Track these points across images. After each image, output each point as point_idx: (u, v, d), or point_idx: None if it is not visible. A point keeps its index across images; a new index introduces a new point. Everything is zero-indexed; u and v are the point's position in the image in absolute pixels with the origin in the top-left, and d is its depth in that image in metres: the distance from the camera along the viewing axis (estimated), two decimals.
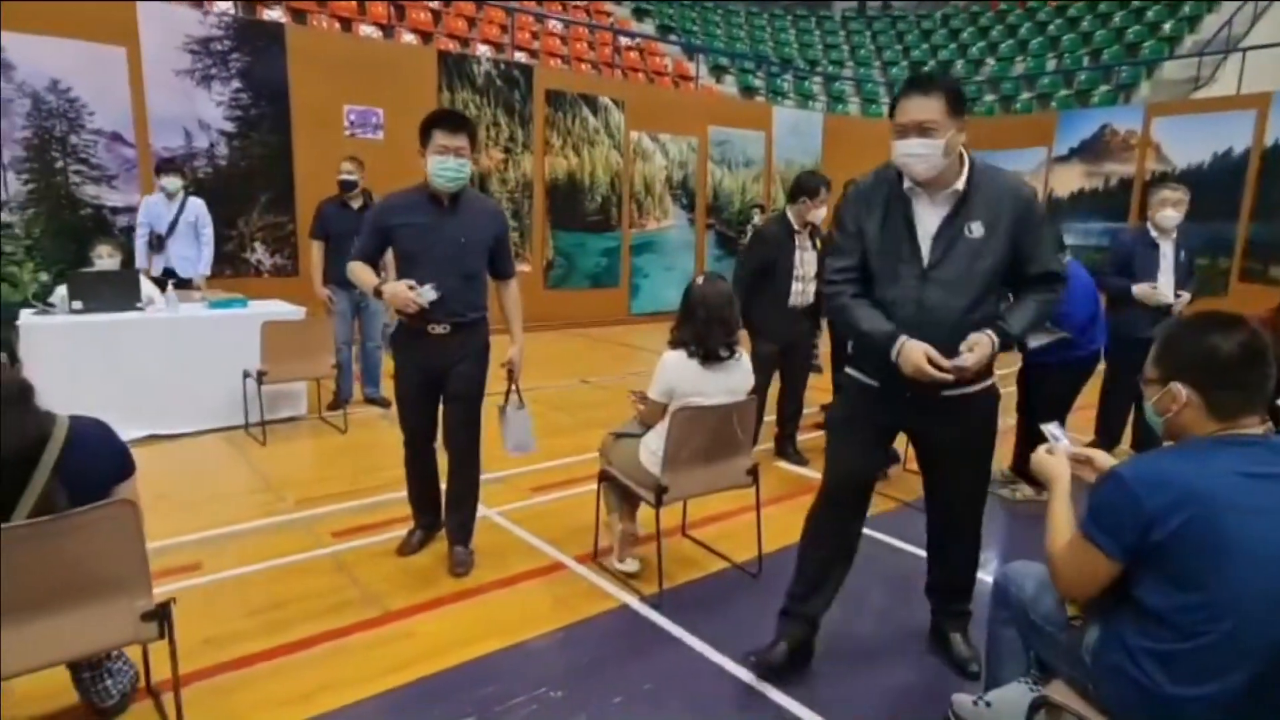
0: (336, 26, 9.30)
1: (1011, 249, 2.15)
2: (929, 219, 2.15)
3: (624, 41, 12.63)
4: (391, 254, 3.03)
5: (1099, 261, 5.10)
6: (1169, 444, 1.60)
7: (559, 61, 11.18)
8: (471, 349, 3.00)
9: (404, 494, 3.30)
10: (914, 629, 2.74)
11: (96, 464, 1.79)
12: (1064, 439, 1.90)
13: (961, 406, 2.25)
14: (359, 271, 2.99)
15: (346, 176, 5.26)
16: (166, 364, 4.70)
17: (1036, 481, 3.92)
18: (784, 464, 4.55)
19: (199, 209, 5.69)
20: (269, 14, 8.69)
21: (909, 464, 4.44)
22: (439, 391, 3.02)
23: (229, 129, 7.20)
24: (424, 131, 2.84)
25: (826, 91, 14.78)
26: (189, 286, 5.51)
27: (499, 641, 2.60)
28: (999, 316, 2.19)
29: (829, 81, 14.71)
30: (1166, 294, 4.30)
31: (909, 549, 3.40)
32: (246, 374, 4.80)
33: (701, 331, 2.77)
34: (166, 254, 5.58)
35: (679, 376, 2.77)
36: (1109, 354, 4.22)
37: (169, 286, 5.09)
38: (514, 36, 10.59)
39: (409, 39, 9.77)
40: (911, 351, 2.09)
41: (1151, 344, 1.63)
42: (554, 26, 11.92)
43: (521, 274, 9.02)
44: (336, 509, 3.70)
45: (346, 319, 5.37)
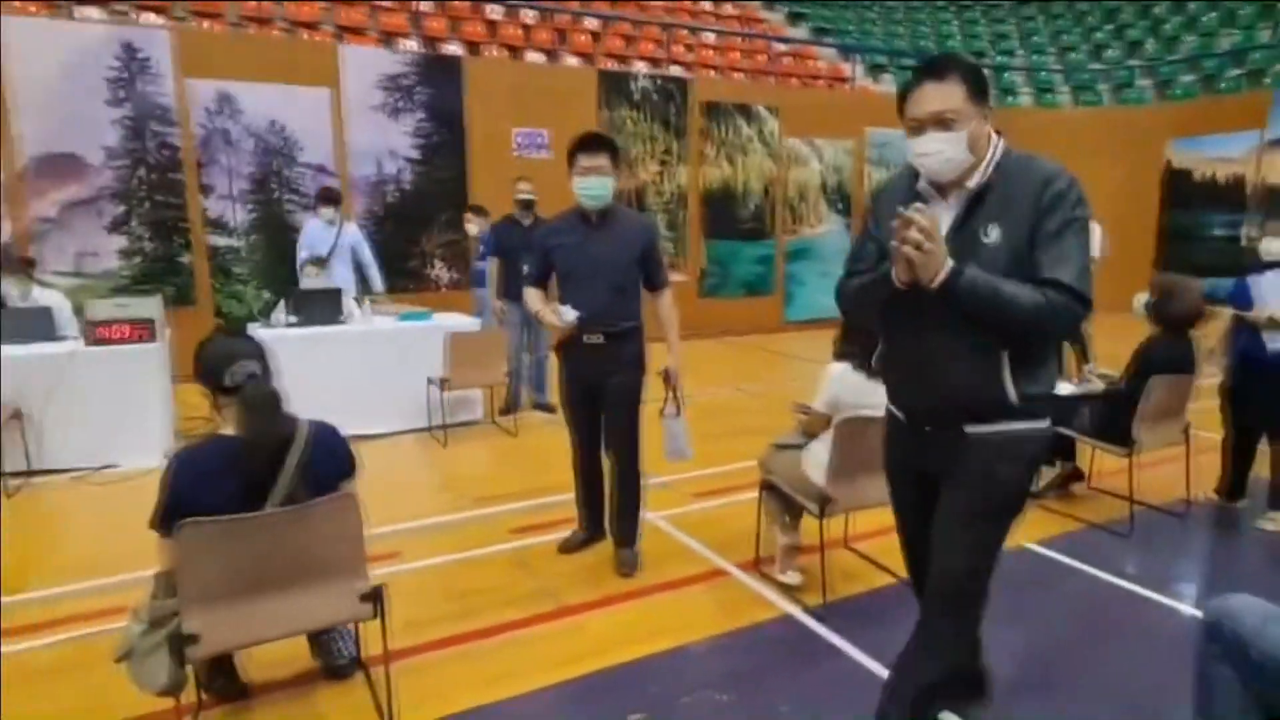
0: (506, 55, 9.93)
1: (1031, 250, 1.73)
2: (943, 220, 1.79)
3: (778, 47, 12.55)
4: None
5: None
6: None
7: (714, 73, 11.30)
8: (625, 358, 3.13)
9: (573, 495, 3.50)
10: (1101, 661, 2.56)
11: (330, 463, 2.07)
12: None
13: (988, 450, 1.80)
14: (528, 297, 3.27)
15: (525, 196, 5.63)
16: (363, 371, 5.24)
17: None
18: None
19: (355, 235, 6.24)
20: (448, 48, 9.43)
21: (1092, 481, 4.13)
22: (598, 399, 3.18)
23: (414, 156, 7.90)
24: (569, 156, 3.06)
25: (994, 84, 13.91)
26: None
27: (665, 642, 2.70)
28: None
29: (998, 73, 13.85)
30: None
31: (1094, 573, 3.18)
32: (430, 381, 5.25)
33: (869, 343, 2.74)
34: (330, 276, 6.02)
35: (844, 389, 2.76)
36: None
37: (365, 302, 5.67)
38: (669, 51, 10.82)
39: (571, 61, 10.25)
40: (900, 214, 1.69)
41: None
42: (708, 38, 12.06)
43: (676, 283, 9.18)
44: (512, 507, 3.97)
45: (519, 330, 5.73)
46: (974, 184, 1.77)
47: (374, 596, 2.14)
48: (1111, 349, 3.88)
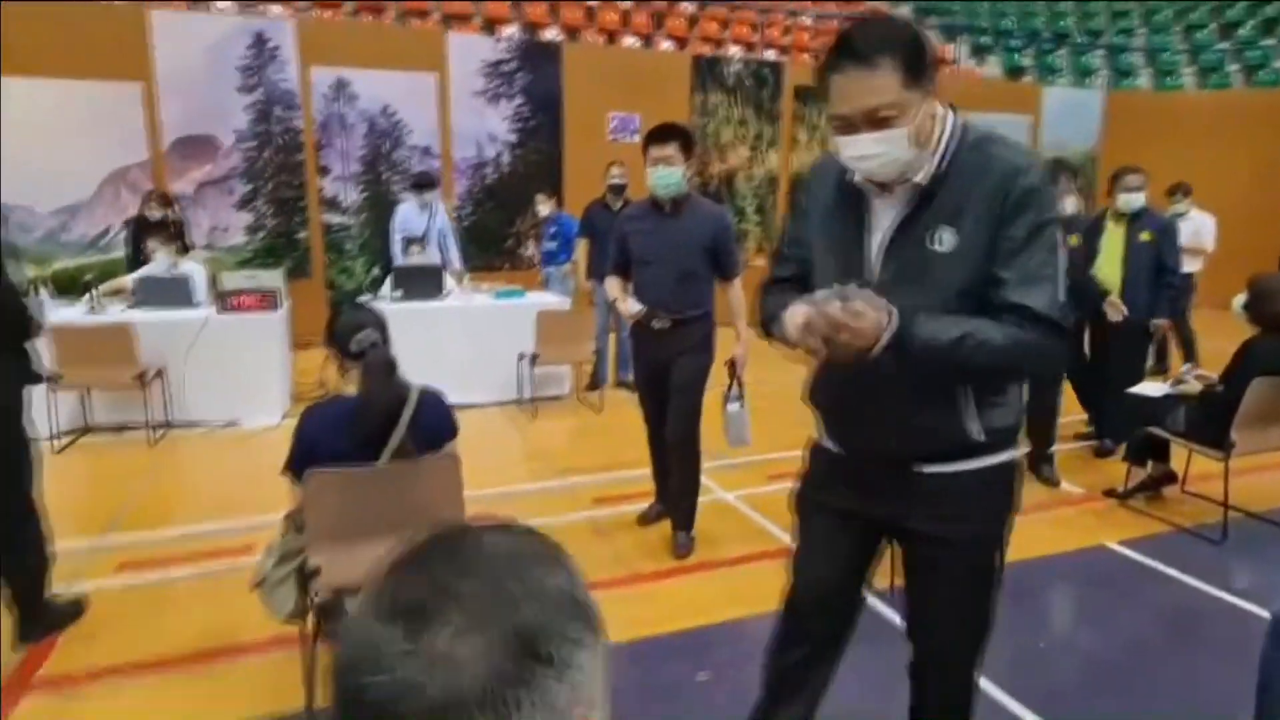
0: (603, 40, 10.11)
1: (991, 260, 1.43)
2: (884, 221, 1.48)
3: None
4: None
5: None
6: None
7: (809, 56, 11.16)
8: (690, 343, 3.26)
9: (650, 471, 3.67)
10: (1178, 665, 2.55)
11: (436, 424, 2.30)
12: None
13: (949, 490, 1.52)
14: (607, 284, 3.47)
15: (617, 180, 5.79)
16: (459, 344, 5.56)
17: None
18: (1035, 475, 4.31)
19: (445, 219, 6.51)
20: (547, 34, 9.68)
21: (1186, 485, 4.00)
22: (664, 381, 3.33)
23: (511, 139, 8.20)
24: (644, 147, 3.22)
25: (1110, 65, 13.15)
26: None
27: (734, 612, 2.84)
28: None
29: (1114, 54, 13.08)
30: None
31: (1178, 576, 3.12)
32: (521, 356, 5.52)
33: None
34: (426, 255, 6.24)
35: None
36: None
37: (464, 279, 5.99)
38: (764, 35, 10.75)
39: (666, 46, 10.34)
40: (790, 315, 1.40)
41: None
42: (805, 21, 11.89)
43: (762, 269, 9.24)
44: (593, 479, 4.19)
45: (604, 310, 5.93)
46: (922, 179, 1.42)
47: None
48: (1224, 347, 3.76)
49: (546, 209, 6.55)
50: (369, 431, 2.15)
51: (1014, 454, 1.57)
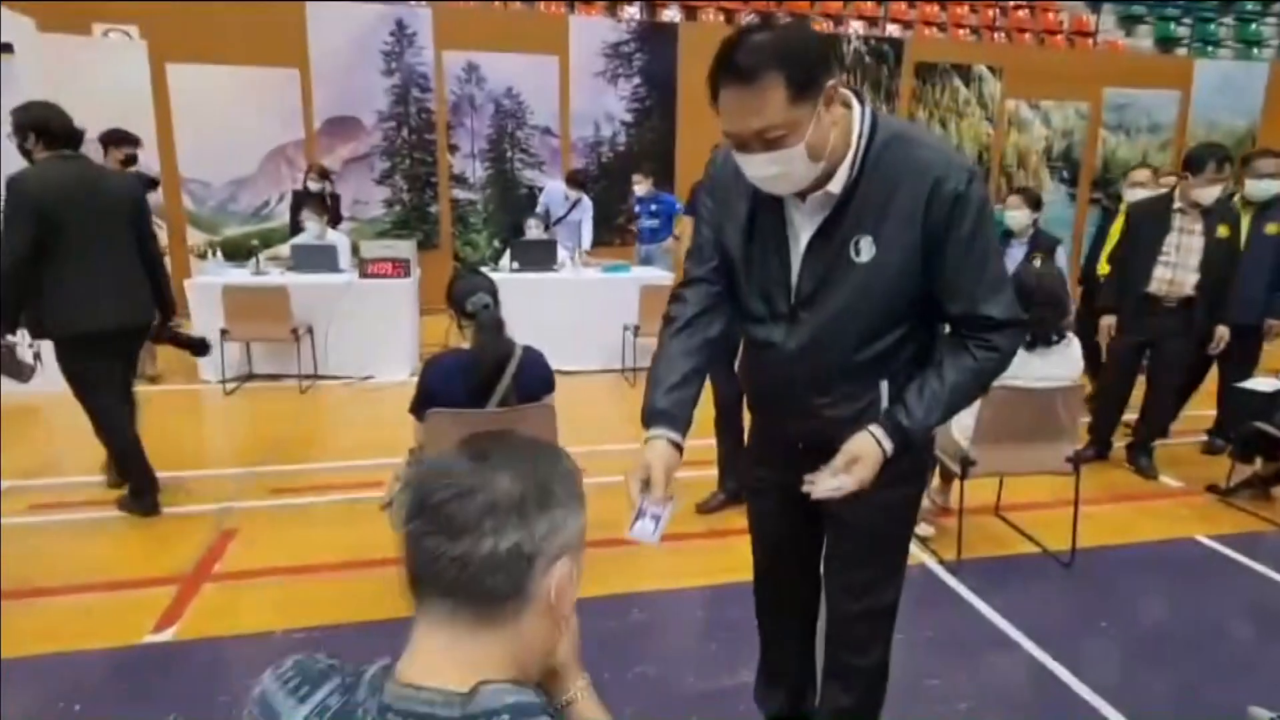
0: (722, 18, 10.19)
1: (924, 271, 1.38)
2: (803, 231, 1.44)
3: (1012, 0, 11.64)
4: None
5: None
6: None
7: (935, 31, 10.79)
8: None
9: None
10: (1246, 659, 2.55)
11: (536, 379, 2.63)
12: None
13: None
14: None
15: None
16: (569, 314, 5.93)
17: None
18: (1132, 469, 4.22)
19: (587, 210, 6.93)
20: (667, 14, 9.87)
21: None
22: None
23: (627, 119, 8.49)
24: None
25: None
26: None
27: None
28: (900, 398, 1.43)
29: None
30: None
31: (1271, 575, 3.05)
32: (625, 327, 5.84)
33: (1039, 316, 2.82)
34: (552, 235, 6.76)
35: None
36: None
37: (577, 253, 6.36)
38: (888, 9, 10.49)
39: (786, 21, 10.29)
40: (649, 454, 1.48)
41: None
42: None
43: None
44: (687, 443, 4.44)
45: None
46: (837, 188, 1.37)
47: None
48: None
49: (643, 188, 6.82)
50: (480, 381, 2.50)
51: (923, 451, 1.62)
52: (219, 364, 5.31)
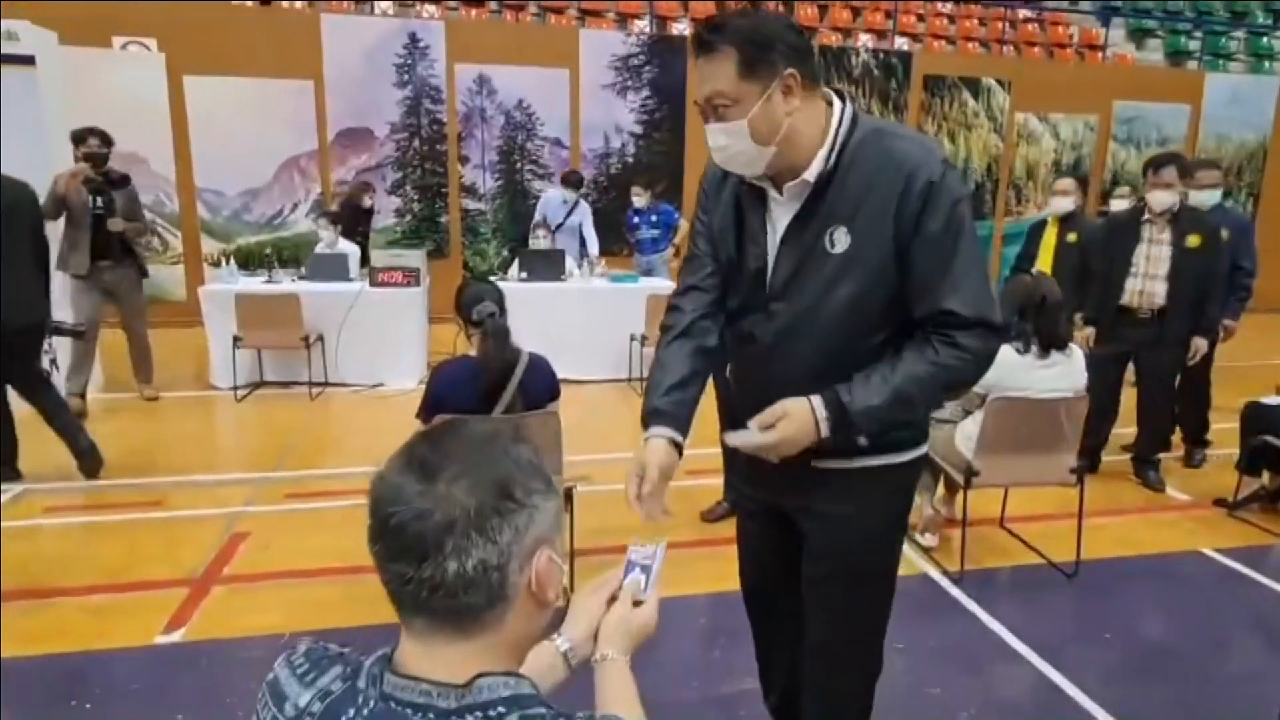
0: None
1: (899, 266, 1.36)
2: (781, 217, 1.44)
3: (1022, 13, 11.68)
4: None
5: None
6: None
7: (944, 44, 10.83)
8: None
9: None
10: (1247, 669, 2.55)
11: (542, 386, 2.66)
12: None
13: (843, 485, 1.48)
14: None
15: None
16: (577, 323, 5.97)
17: None
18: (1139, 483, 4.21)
19: (586, 213, 6.97)
20: (677, 28, 9.96)
21: None
22: None
23: (637, 131, 8.56)
24: None
25: None
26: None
27: None
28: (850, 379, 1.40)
29: None
30: None
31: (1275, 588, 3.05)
32: (633, 337, 5.87)
33: (1037, 327, 2.85)
34: (555, 244, 6.73)
35: (1001, 369, 2.88)
36: None
37: (584, 263, 6.41)
38: (897, 22, 10.54)
39: None
40: (646, 453, 1.47)
41: None
42: (944, 7, 11.52)
43: None
44: (690, 453, 4.45)
45: None
46: (812, 175, 1.37)
47: (565, 496, 2.72)
48: None
49: (642, 200, 6.85)
50: (486, 387, 2.54)
51: (910, 454, 1.52)
52: (231, 371, 5.38)
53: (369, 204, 7.17)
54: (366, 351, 5.73)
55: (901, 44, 10.14)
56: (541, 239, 6.53)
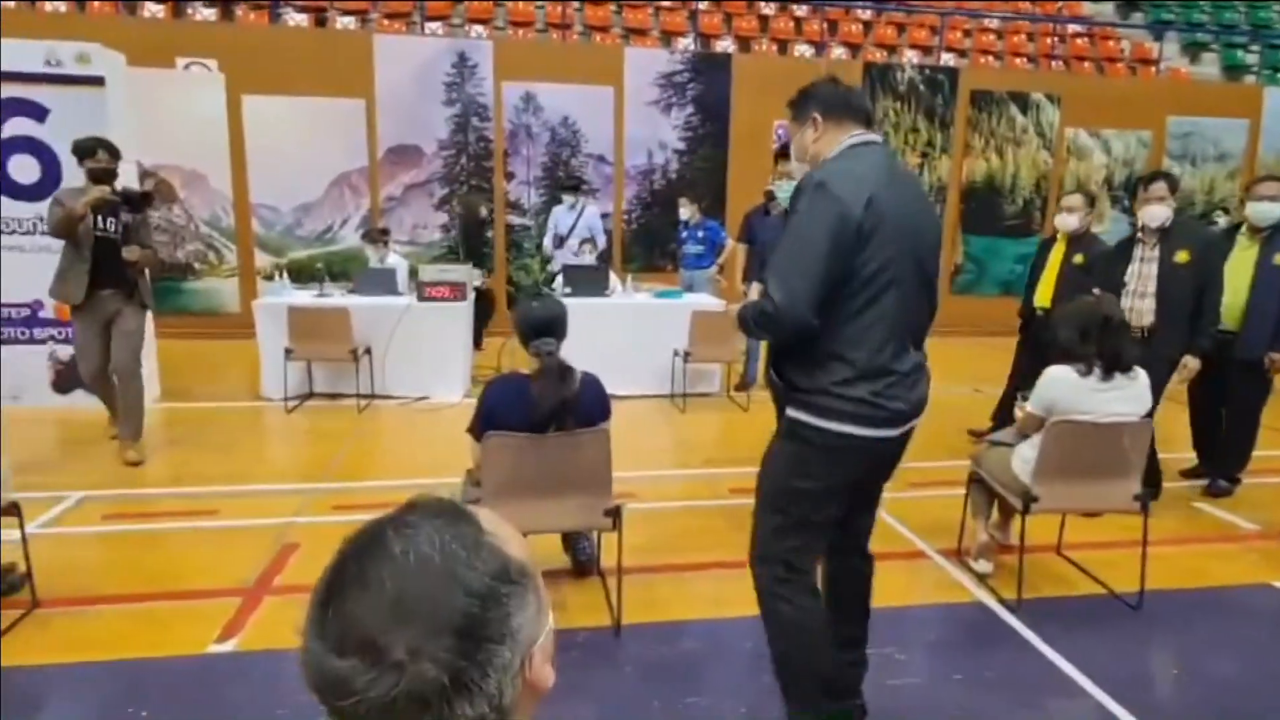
0: (775, 49, 10.27)
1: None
2: None
3: (1072, 28, 11.48)
4: None
5: None
6: None
7: (992, 59, 10.69)
8: None
9: None
10: None
11: (594, 405, 2.66)
12: None
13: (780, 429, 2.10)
14: (753, 289, 3.69)
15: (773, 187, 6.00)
16: (620, 338, 5.98)
17: None
18: (1203, 505, 4.05)
19: (594, 215, 7.07)
20: (721, 45, 10.00)
21: None
22: None
23: (680, 147, 8.59)
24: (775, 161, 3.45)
25: None
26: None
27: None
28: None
29: None
30: None
31: None
32: (676, 353, 5.86)
33: (1100, 349, 2.76)
34: (567, 250, 6.92)
35: (1062, 394, 2.81)
36: None
37: (628, 280, 6.43)
38: (944, 38, 10.44)
39: (839, 53, 10.33)
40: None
41: None
42: (990, 22, 11.39)
43: None
44: (733, 471, 4.43)
45: None
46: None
47: (615, 514, 2.71)
48: None
49: (688, 213, 6.82)
50: (538, 407, 2.54)
51: (798, 415, 1.99)
52: (282, 382, 5.49)
53: (485, 214, 7.39)
54: (413, 364, 5.80)
55: (947, 60, 10.03)
56: (586, 255, 6.59)
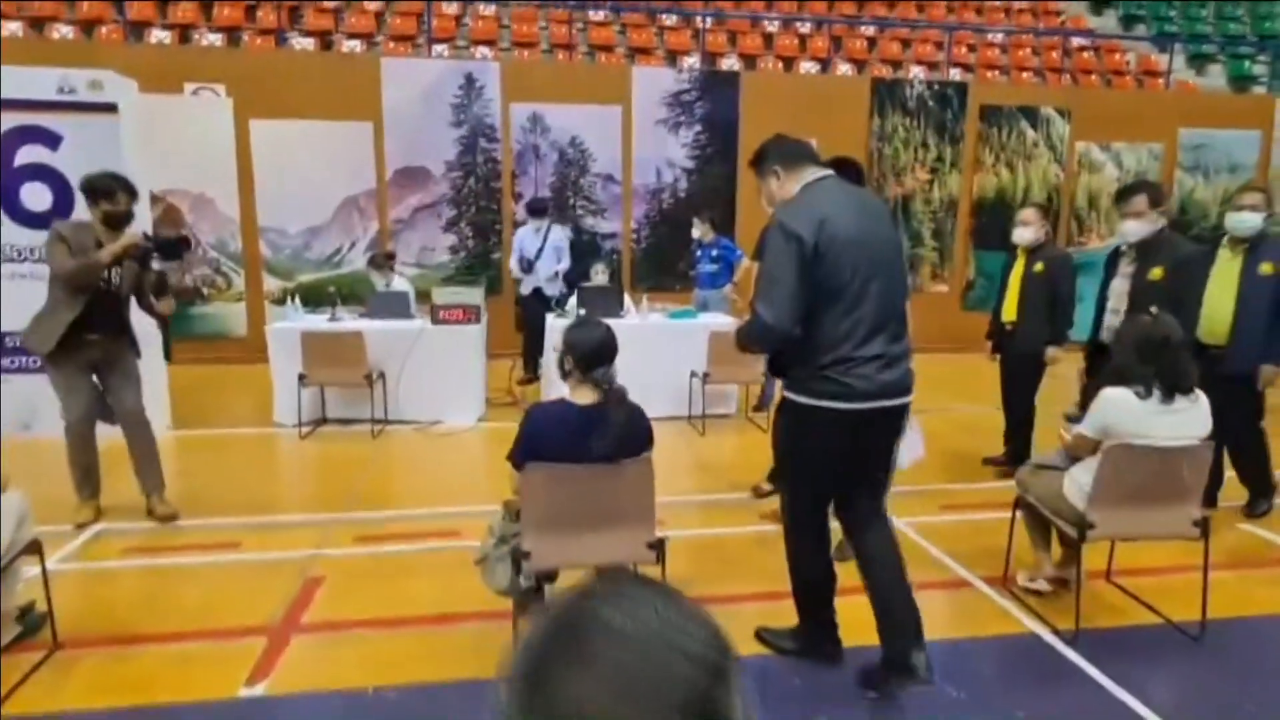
0: (781, 66, 10.27)
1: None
2: None
3: (1076, 42, 11.50)
4: None
5: None
6: None
7: (998, 74, 10.70)
8: None
9: None
10: None
11: (637, 435, 2.57)
12: None
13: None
14: None
15: None
16: (635, 360, 5.84)
17: None
18: (1247, 526, 3.95)
19: (561, 238, 6.97)
20: (726, 63, 10.00)
21: None
22: None
23: (689, 165, 8.55)
24: None
25: None
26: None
27: None
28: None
29: None
30: None
31: None
32: (693, 374, 5.77)
33: (1159, 370, 2.67)
34: (536, 274, 6.81)
35: (1120, 417, 2.71)
36: None
37: (643, 300, 6.35)
38: (950, 54, 10.46)
39: (845, 69, 10.33)
40: None
41: None
42: (995, 37, 11.41)
43: (938, 294, 9.00)
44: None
45: None
46: None
47: (658, 546, 2.61)
48: None
49: (701, 231, 6.75)
50: (581, 435, 2.45)
51: (790, 396, 2.49)
52: (295, 408, 5.40)
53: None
54: (426, 388, 5.71)
55: (954, 75, 10.03)
56: (600, 274, 6.52)
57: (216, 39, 9.31)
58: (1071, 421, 3.05)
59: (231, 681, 2.59)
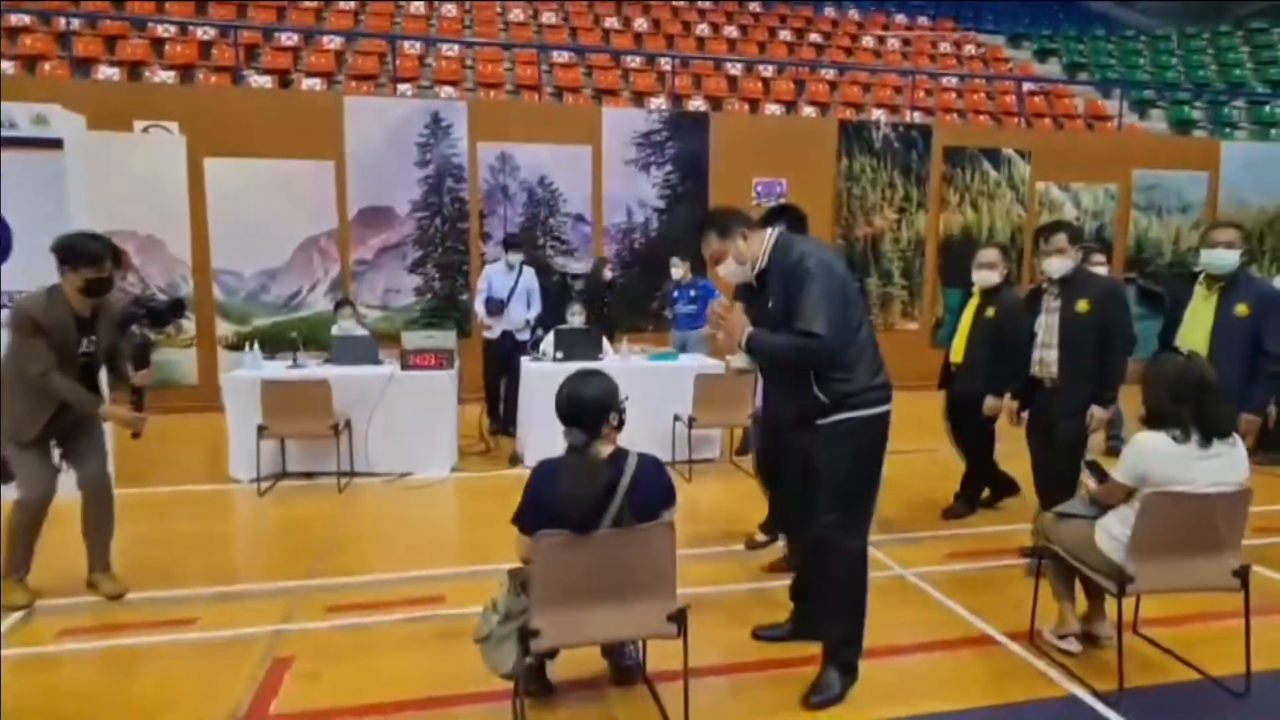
0: (746, 108, 10.35)
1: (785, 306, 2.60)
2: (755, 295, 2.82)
3: (1027, 87, 11.90)
4: None
5: None
6: None
7: (955, 116, 10.97)
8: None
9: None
10: None
11: (653, 492, 2.35)
12: None
13: (825, 435, 2.66)
14: None
15: None
16: None
17: None
18: (1261, 569, 3.87)
19: (532, 279, 6.61)
20: (692, 105, 10.03)
21: None
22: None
23: (660, 205, 8.47)
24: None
25: None
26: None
27: (933, 705, 2.67)
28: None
29: None
30: None
31: None
32: (677, 418, 5.57)
33: (1196, 413, 2.55)
34: (508, 315, 6.45)
35: (1156, 465, 2.58)
36: None
37: (623, 342, 6.15)
38: (910, 97, 10.68)
39: (808, 112, 10.46)
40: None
41: None
42: (949, 82, 11.73)
43: (909, 332, 9.01)
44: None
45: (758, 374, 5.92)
46: (753, 273, 2.72)
47: (679, 617, 2.36)
48: None
49: (680, 272, 6.63)
50: (583, 510, 2.22)
51: (851, 414, 2.62)
52: (253, 462, 5.02)
53: (610, 276, 7.08)
54: (396, 438, 5.39)
55: (916, 117, 10.22)
56: (575, 316, 6.31)
57: (168, 76, 8.98)
58: (1091, 470, 2.93)
59: None
